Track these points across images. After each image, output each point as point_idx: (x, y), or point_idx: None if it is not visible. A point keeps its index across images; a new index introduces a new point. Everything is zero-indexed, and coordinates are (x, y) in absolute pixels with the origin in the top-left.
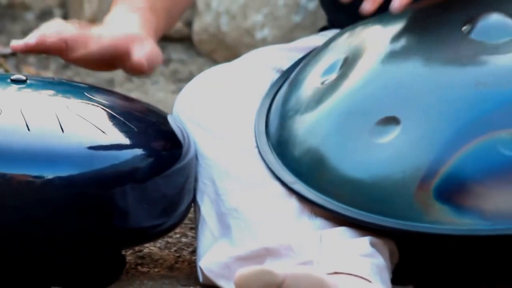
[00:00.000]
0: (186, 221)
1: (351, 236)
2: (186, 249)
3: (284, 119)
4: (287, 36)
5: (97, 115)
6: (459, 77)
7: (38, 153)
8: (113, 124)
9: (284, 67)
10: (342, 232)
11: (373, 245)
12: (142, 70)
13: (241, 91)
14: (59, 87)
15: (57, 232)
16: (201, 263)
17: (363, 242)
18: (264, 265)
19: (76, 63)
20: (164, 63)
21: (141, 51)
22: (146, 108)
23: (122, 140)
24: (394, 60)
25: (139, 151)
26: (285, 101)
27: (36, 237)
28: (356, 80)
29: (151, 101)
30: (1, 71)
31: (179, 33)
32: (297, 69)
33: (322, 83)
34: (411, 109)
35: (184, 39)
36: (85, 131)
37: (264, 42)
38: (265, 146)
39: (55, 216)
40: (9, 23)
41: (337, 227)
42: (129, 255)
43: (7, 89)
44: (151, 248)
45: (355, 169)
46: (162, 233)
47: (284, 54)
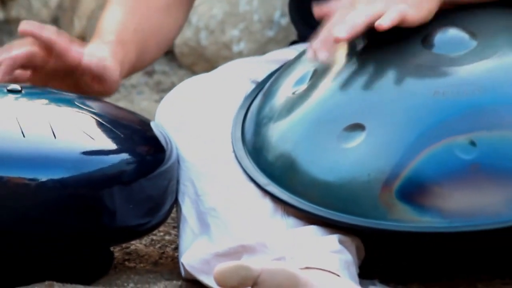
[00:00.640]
0: (169, 220)
1: (321, 234)
2: (169, 246)
3: (259, 126)
4: (261, 49)
5: (86, 122)
6: (419, 87)
7: (33, 158)
8: (101, 131)
9: (258, 77)
10: (312, 230)
11: (341, 242)
12: (91, 69)
13: (218, 99)
14: (52, 96)
15: (50, 230)
16: (182, 259)
17: (332, 240)
18: (241, 260)
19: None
20: (149, 74)
21: (92, 56)
22: (132, 116)
23: (109, 145)
24: (360, 72)
25: (126, 155)
26: (259, 110)
27: (31, 236)
28: (325, 90)
29: (136, 109)
30: None
31: None
32: (271, 80)
33: (293, 93)
34: (375, 116)
35: (167, 52)
36: (75, 137)
37: (241, 55)
38: (241, 151)
39: (48, 215)
40: (6, 38)
41: (308, 226)
42: (117, 251)
43: (4, 98)
44: (137, 245)
45: (324, 172)
46: (147, 231)
47: (258, 65)
